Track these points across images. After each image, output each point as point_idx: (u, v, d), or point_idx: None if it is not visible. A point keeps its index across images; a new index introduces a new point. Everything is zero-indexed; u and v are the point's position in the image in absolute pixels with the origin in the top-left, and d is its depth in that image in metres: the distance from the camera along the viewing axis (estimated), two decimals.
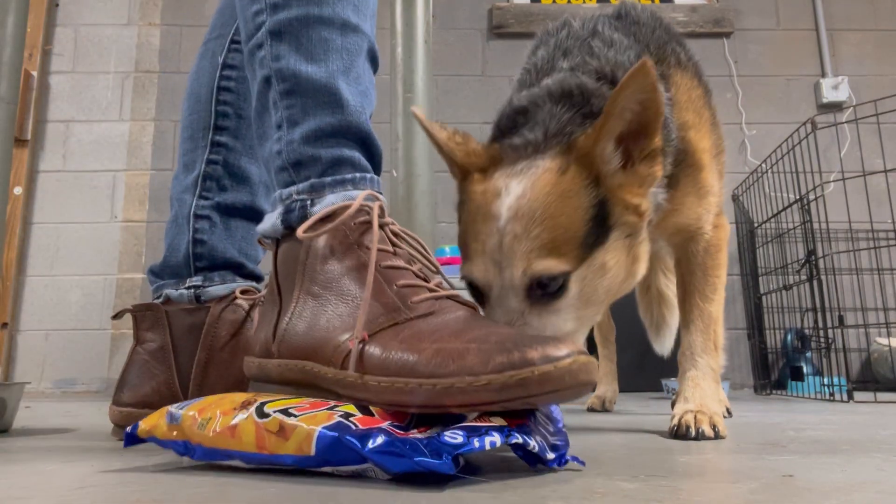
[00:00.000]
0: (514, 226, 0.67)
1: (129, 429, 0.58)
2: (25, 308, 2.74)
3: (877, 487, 0.47)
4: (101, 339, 2.72)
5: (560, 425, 0.58)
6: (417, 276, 0.65)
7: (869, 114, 1.92)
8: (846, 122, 2.65)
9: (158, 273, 1.00)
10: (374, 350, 0.57)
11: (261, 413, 0.52)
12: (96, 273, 2.77)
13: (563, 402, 0.52)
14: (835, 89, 2.90)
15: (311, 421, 0.49)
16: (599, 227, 0.70)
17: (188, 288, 0.94)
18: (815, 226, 1.89)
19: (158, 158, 2.86)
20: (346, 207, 0.67)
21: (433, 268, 0.70)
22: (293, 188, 0.74)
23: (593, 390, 0.62)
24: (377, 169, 0.78)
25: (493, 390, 0.49)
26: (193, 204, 0.98)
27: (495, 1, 3.04)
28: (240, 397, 0.56)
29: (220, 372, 0.88)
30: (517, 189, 0.69)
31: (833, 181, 2.19)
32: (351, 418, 0.49)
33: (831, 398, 1.75)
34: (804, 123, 1.90)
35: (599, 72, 0.79)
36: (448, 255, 2.42)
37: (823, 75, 2.96)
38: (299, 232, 0.65)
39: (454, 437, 0.47)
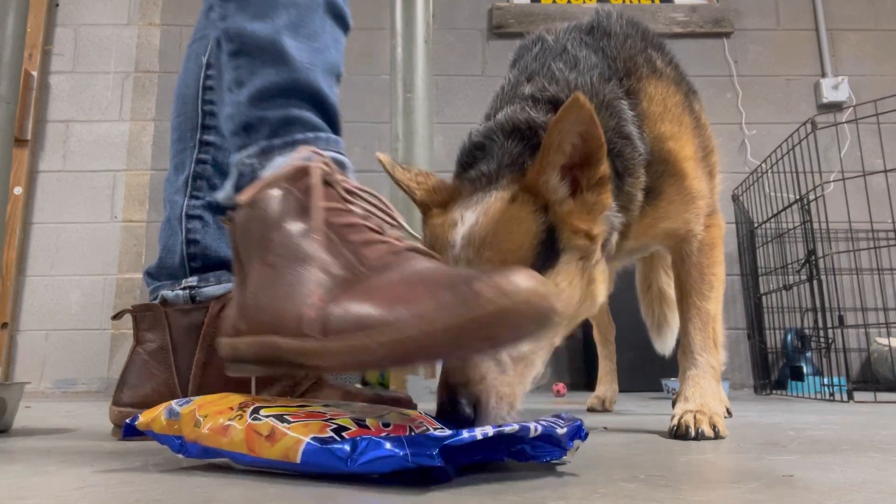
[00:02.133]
0: (468, 251, 0.70)
1: (129, 420, 0.58)
2: (25, 308, 2.74)
3: (877, 487, 0.47)
4: (101, 339, 2.72)
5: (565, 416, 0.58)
6: (372, 231, 0.63)
7: (869, 114, 1.92)
8: (846, 122, 2.65)
9: (154, 275, 1.00)
10: (329, 312, 0.55)
11: (255, 416, 0.52)
12: (96, 273, 2.77)
13: (525, 334, 0.50)
14: (835, 89, 2.90)
15: (302, 430, 0.49)
16: (548, 250, 0.72)
17: (184, 289, 0.94)
18: (815, 226, 1.89)
19: (158, 158, 2.86)
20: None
21: (394, 222, 0.68)
22: (244, 153, 0.72)
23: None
24: (335, 128, 0.76)
25: (446, 332, 0.48)
26: (185, 204, 0.98)
27: (495, 1, 3.04)
28: (239, 398, 0.56)
29: (220, 372, 0.88)
30: (471, 218, 0.72)
31: (833, 181, 2.19)
32: (344, 433, 0.49)
33: (831, 398, 1.75)
34: (804, 123, 1.90)
35: (554, 100, 0.82)
36: None
37: (823, 75, 2.96)
38: (242, 197, 0.64)
39: (442, 431, 0.47)
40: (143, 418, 0.57)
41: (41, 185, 2.84)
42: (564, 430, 0.52)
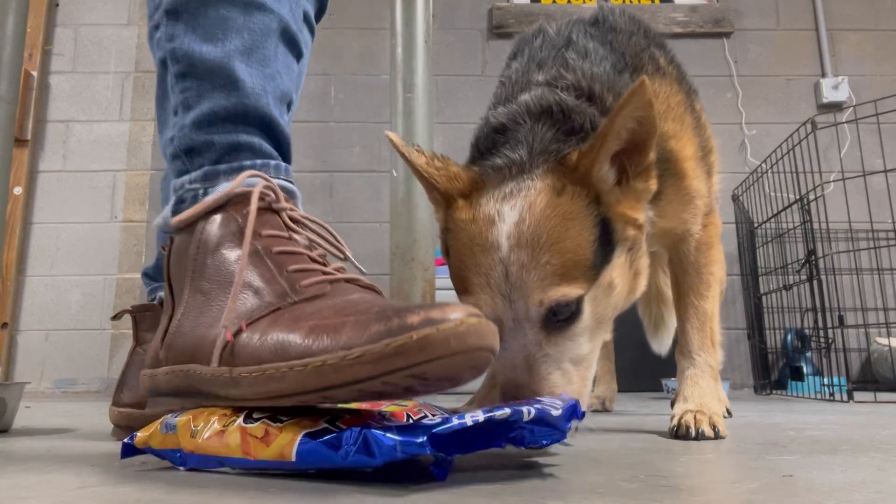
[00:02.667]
0: (520, 255, 0.65)
1: (126, 440, 0.56)
2: (25, 308, 2.74)
3: (877, 487, 0.47)
4: (101, 339, 2.72)
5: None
6: (313, 261, 0.60)
7: (869, 114, 1.92)
8: (846, 122, 2.65)
9: (152, 276, 0.99)
10: (249, 339, 0.52)
11: (249, 418, 0.51)
12: (96, 273, 2.77)
13: (458, 375, 0.46)
14: (835, 89, 2.90)
15: (295, 428, 0.48)
16: (604, 246, 0.69)
17: None
18: (815, 226, 1.89)
19: (158, 158, 2.86)
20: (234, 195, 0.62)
21: (340, 255, 0.66)
22: (186, 177, 0.70)
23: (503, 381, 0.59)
24: (285, 156, 0.74)
25: (368, 363, 0.44)
26: None
27: (495, 1, 3.04)
28: (227, 410, 0.55)
29: None
30: (513, 215, 0.67)
31: (833, 181, 2.19)
32: (337, 422, 0.48)
33: (831, 398, 1.75)
34: (804, 123, 1.90)
35: (576, 86, 0.78)
36: None
37: (823, 75, 2.96)
38: (172, 221, 0.62)
39: (432, 419, 0.46)
40: (141, 435, 0.56)
41: (41, 185, 2.84)
42: (559, 412, 0.50)
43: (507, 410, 0.46)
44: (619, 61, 0.84)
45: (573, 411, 0.52)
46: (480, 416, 0.45)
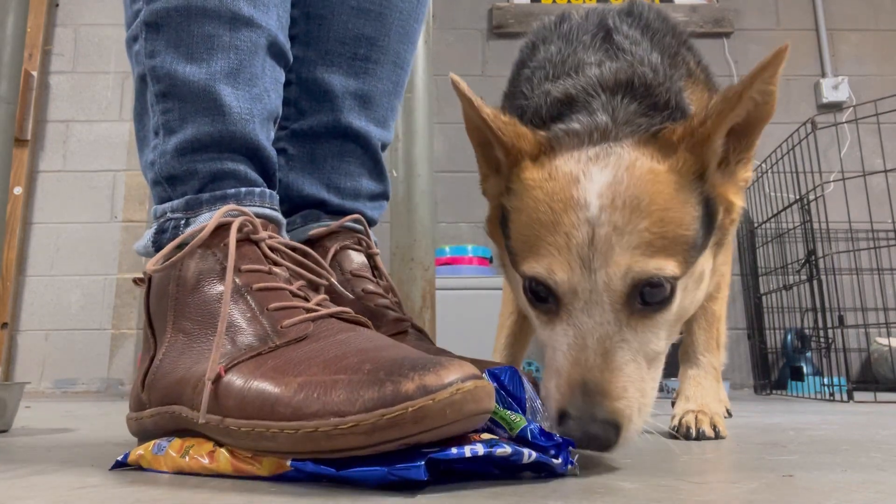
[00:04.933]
0: (613, 216, 0.55)
1: (119, 458, 0.56)
2: (25, 308, 2.74)
3: (877, 487, 0.47)
4: (101, 339, 2.72)
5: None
6: (295, 296, 0.58)
7: (869, 114, 1.92)
8: (846, 122, 2.65)
9: None
10: (232, 387, 0.50)
11: None
12: (96, 273, 2.77)
13: (451, 437, 0.45)
14: (835, 89, 2.90)
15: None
16: (706, 229, 0.60)
17: None
18: (815, 226, 1.89)
19: None
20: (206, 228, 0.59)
21: (323, 281, 0.64)
22: (167, 205, 0.67)
23: (493, 423, 0.50)
24: (270, 182, 0.71)
25: (361, 434, 0.43)
26: None
27: (495, 1, 3.04)
28: None
29: None
30: (605, 174, 0.57)
31: (833, 181, 2.19)
32: None
33: (831, 398, 1.75)
34: (804, 123, 1.90)
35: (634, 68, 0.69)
36: (448, 255, 2.42)
37: (823, 75, 2.96)
38: (147, 267, 0.59)
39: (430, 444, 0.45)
40: (133, 455, 0.55)
41: (41, 185, 2.84)
42: (559, 461, 0.48)
43: (509, 450, 0.45)
44: (663, 57, 0.75)
45: (566, 458, 0.50)
46: (481, 450, 0.44)
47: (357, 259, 0.82)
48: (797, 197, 1.97)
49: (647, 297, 0.56)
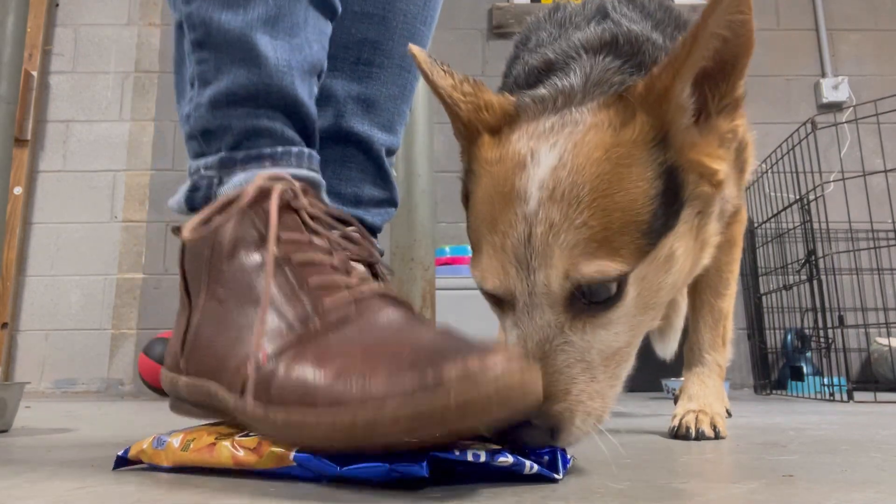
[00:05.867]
0: (551, 210, 0.51)
1: (119, 453, 0.56)
2: (25, 308, 2.74)
3: (877, 487, 0.47)
4: (101, 339, 2.72)
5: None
6: (335, 270, 0.55)
7: (869, 114, 1.92)
8: (846, 122, 2.65)
9: None
10: (275, 373, 0.49)
11: (245, 433, 0.51)
12: (96, 273, 2.77)
13: (498, 422, 0.43)
14: (835, 89, 2.90)
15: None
16: (668, 205, 0.53)
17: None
18: (815, 226, 1.89)
19: (158, 158, 2.86)
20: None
21: (365, 252, 0.60)
22: (201, 161, 0.64)
23: (540, 409, 0.47)
24: (310, 140, 0.67)
25: (402, 425, 0.41)
26: None
27: (495, 1, 3.04)
28: (225, 430, 0.55)
29: None
30: (551, 156, 0.52)
31: (833, 181, 2.19)
32: None
33: (831, 398, 1.75)
34: (804, 123, 1.90)
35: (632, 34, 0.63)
36: (448, 255, 2.42)
37: (823, 75, 2.96)
38: (184, 233, 0.57)
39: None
40: (134, 450, 0.56)
41: (41, 185, 2.84)
42: (560, 476, 0.48)
43: (511, 459, 0.45)
44: (668, 43, 0.68)
45: (564, 461, 0.49)
46: (483, 457, 0.44)
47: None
48: (797, 197, 1.97)
49: (590, 297, 0.52)
